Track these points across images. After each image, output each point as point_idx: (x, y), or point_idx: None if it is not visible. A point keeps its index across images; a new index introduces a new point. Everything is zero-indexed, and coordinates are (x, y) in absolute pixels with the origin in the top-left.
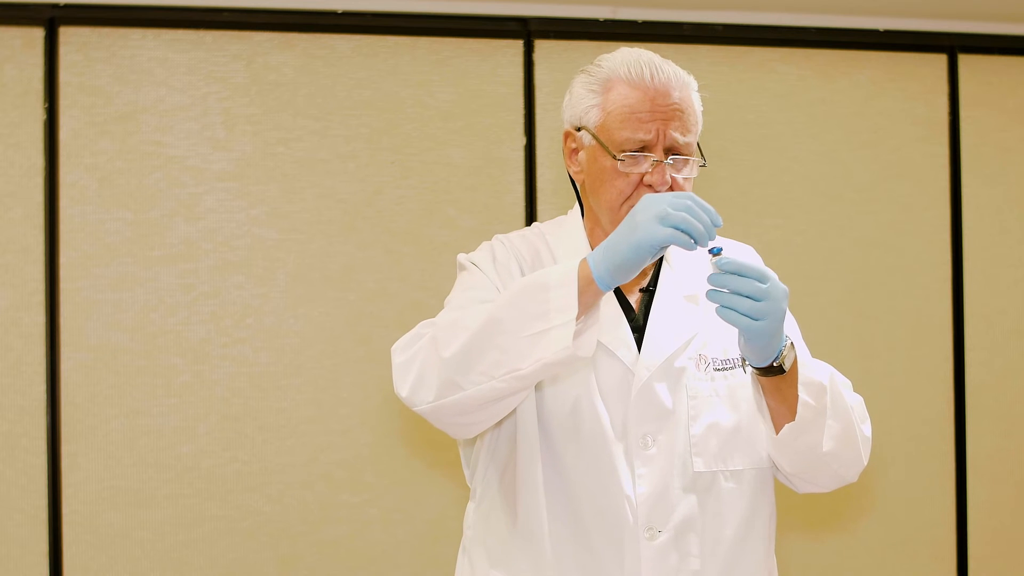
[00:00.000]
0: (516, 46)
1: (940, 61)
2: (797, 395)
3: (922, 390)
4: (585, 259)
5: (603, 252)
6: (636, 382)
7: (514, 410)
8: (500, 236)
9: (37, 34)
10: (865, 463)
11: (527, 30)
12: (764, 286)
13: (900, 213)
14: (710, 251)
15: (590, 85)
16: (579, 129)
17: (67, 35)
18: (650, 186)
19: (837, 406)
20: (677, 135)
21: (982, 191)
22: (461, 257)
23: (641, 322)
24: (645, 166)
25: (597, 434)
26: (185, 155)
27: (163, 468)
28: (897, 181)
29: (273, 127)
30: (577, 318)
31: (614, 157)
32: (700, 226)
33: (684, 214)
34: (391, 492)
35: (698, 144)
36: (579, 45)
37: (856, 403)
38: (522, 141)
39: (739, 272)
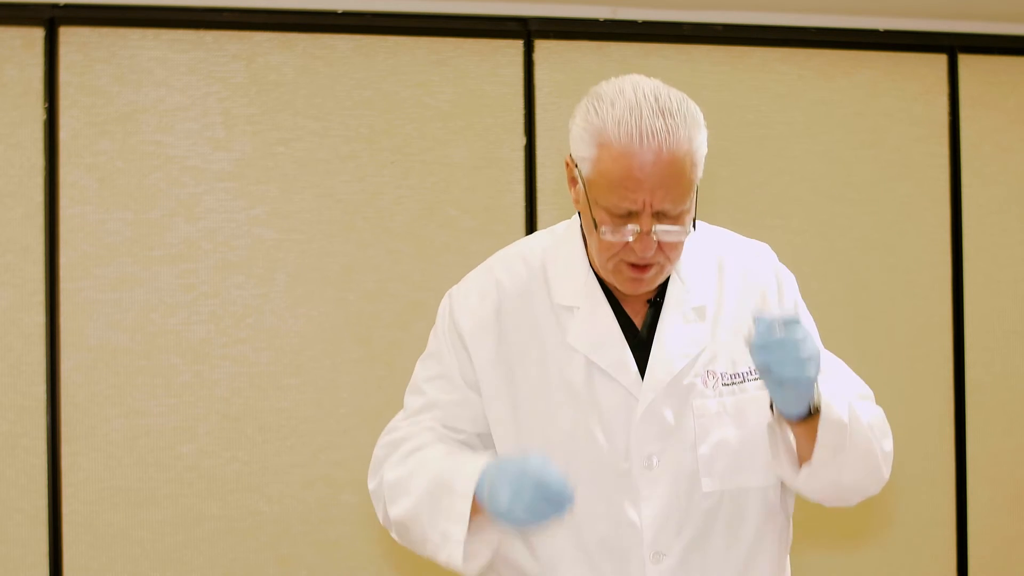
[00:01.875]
0: (516, 46)
1: (940, 61)
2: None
3: (922, 390)
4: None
5: (488, 489)
6: (639, 406)
7: (508, 437)
8: (483, 276)
9: (37, 34)
10: (887, 477)
11: (527, 30)
12: (808, 349)
13: (900, 213)
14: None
15: (587, 128)
16: (575, 164)
17: (67, 35)
18: (633, 251)
19: (856, 439)
20: (667, 204)
21: (982, 191)
22: (438, 323)
23: (645, 337)
24: (628, 236)
25: (597, 458)
26: (185, 155)
27: (163, 468)
28: (897, 181)
29: (273, 127)
30: (471, 529)
31: (596, 226)
32: (544, 518)
33: (524, 517)
34: None
35: (697, 190)
36: (579, 45)
37: (876, 420)
38: (522, 141)
39: (782, 343)
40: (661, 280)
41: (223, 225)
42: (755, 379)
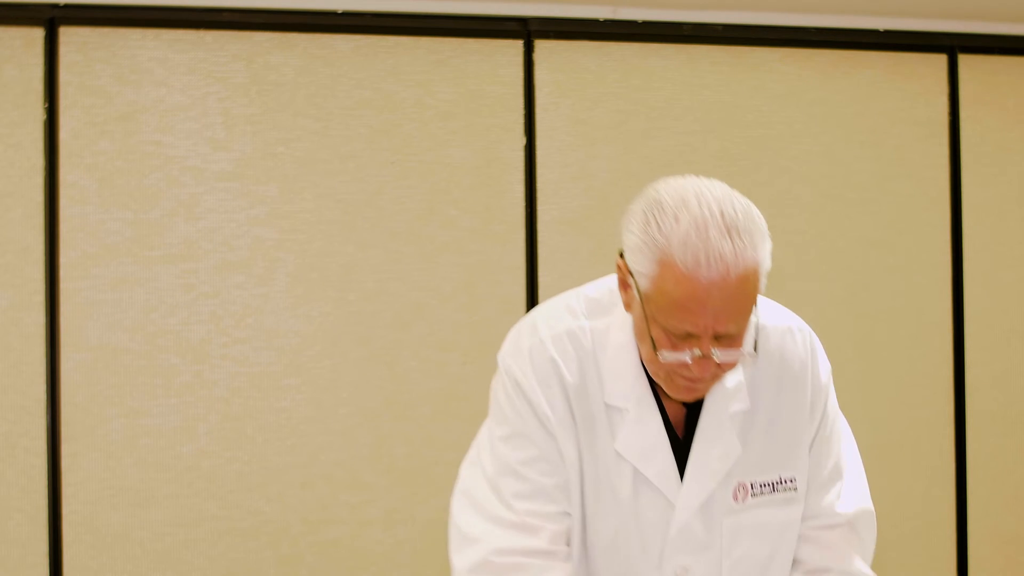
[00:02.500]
0: (516, 46)
1: (940, 61)
2: None
3: (922, 390)
4: None
5: None
6: (676, 520)
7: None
8: (541, 357)
9: (37, 34)
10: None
11: (527, 30)
12: None
13: (900, 213)
14: None
15: (647, 243)
16: (630, 272)
17: (67, 35)
18: (690, 369)
19: None
20: (729, 326)
21: (982, 191)
22: (502, 389)
23: (683, 440)
24: (687, 358)
25: (633, 566)
26: (185, 155)
27: (163, 468)
28: (897, 181)
29: (273, 127)
30: None
31: (654, 345)
32: None
33: None
34: (391, 492)
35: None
36: (579, 45)
37: (869, 546)
38: (522, 141)
39: None
40: (712, 386)
41: (223, 225)
42: (785, 488)
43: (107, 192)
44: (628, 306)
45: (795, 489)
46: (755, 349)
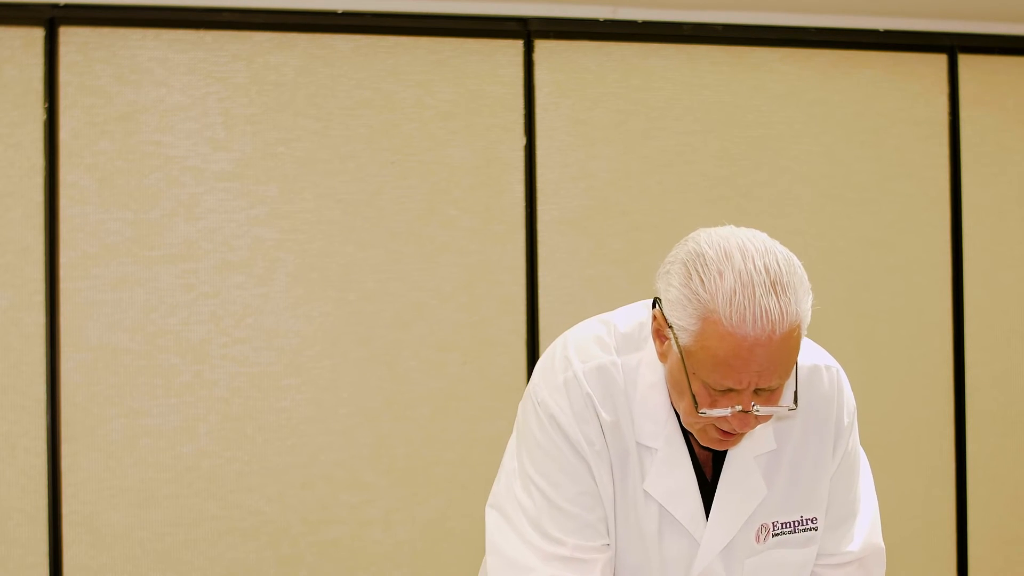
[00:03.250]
0: (516, 46)
1: (940, 61)
2: None
3: (922, 390)
4: None
5: None
6: (698, 561)
7: None
8: (575, 391)
9: (37, 34)
10: None
11: (527, 30)
12: None
13: (900, 213)
14: None
15: (690, 298)
16: (668, 324)
17: (67, 35)
18: (727, 420)
19: None
20: (772, 382)
21: (982, 191)
22: (536, 422)
23: (710, 480)
24: (727, 412)
25: None
26: (185, 155)
27: (163, 468)
28: (897, 181)
29: (273, 127)
30: None
31: (695, 403)
32: None
33: None
34: (391, 492)
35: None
36: (579, 45)
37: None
38: (522, 141)
39: None
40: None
41: (223, 225)
42: (805, 528)
43: (107, 192)
44: (663, 356)
45: (815, 529)
46: (795, 401)
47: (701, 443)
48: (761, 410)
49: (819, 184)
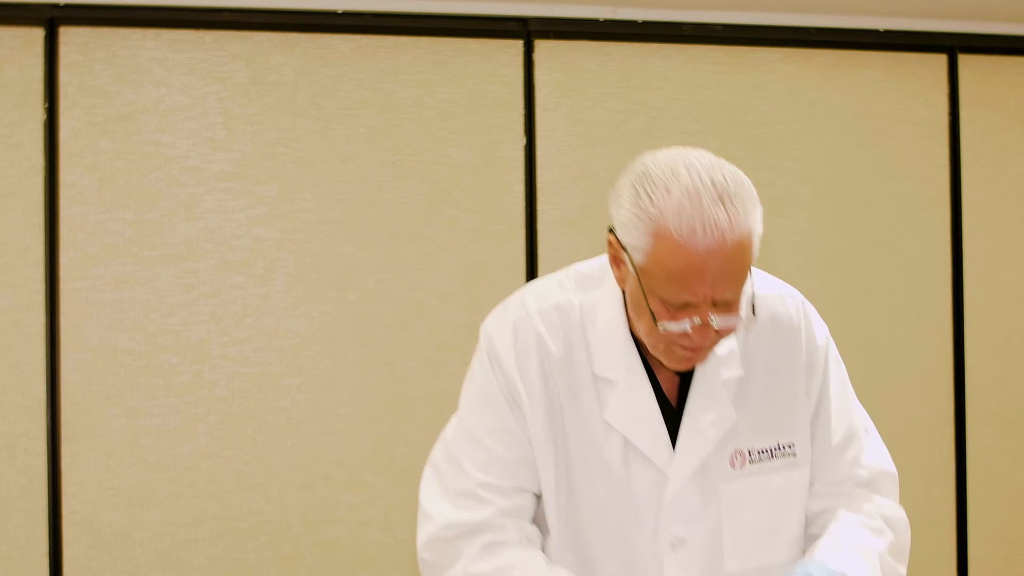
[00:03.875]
0: (516, 46)
1: (940, 61)
2: None
3: (922, 390)
4: None
5: None
6: (669, 488)
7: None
8: (525, 328)
9: (37, 34)
10: (904, 573)
11: (527, 30)
12: None
13: (900, 213)
14: None
15: (640, 216)
16: (623, 247)
17: (67, 35)
18: (688, 336)
19: None
20: (727, 293)
21: (982, 191)
22: (477, 358)
23: (676, 410)
24: (686, 327)
25: (626, 538)
26: (185, 155)
27: (163, 468)
28: (897, 181)
29: (273, 127)
30: None
31: (653, 318)
32: None
33: None
34: (391, 492)
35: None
36: (579, 45)
37: (900, 537)
38: (522, 141)
39: None
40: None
41: (223, 225)
42: (783, 454)
43: (107, 192)
44: (621, 281)
45: (794, 455)
46: (753, 313)
47: (667, 365)
48: (719, 322)
49: (819, 184)
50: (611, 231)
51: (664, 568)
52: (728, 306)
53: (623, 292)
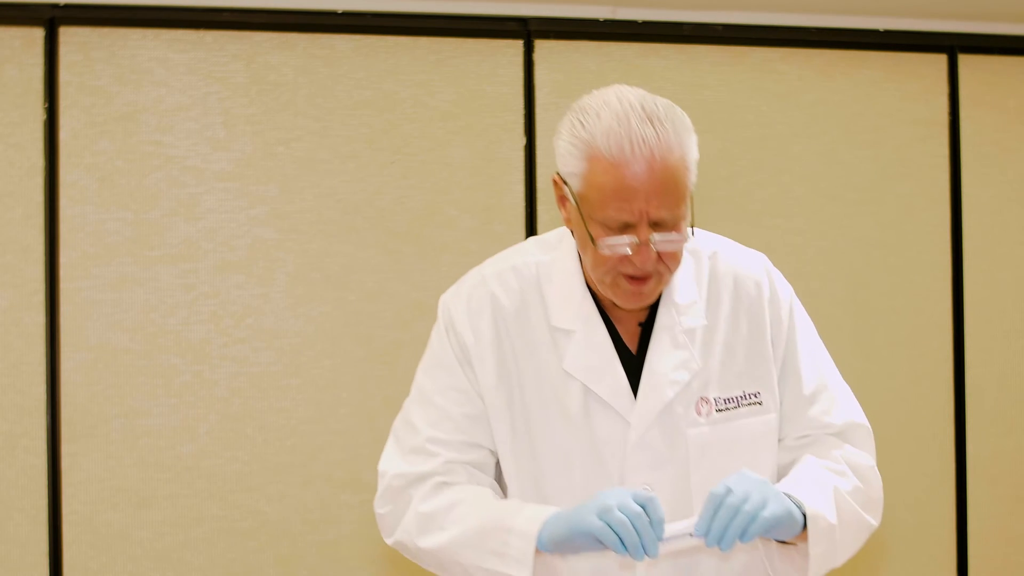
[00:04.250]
0: (516, 46)
1: (940, 61)
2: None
3: (922, 390)
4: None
5: (553, 521)
6: (632, 434)
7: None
8: (479, 289)
9: (37, 34)
10: (877, 525)
11: (527, 30)
12: (752, 512)
13: (900, 213)
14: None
15: (574, 143)
16: (564, 181)
17: (67, 35)
18: (632, 262)
19: (847, 530)
20: (663, 212)
21: (982, 191)
22: (440, 333)
23: (638, 360)
24: (626, 248)
25: (592, 484)
26: (185, 155)
27: (163, 468)
28: (897, 181)
29: (273, 127)
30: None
31: (593, 241)
32: (634, 538)
33: (624, 518)
34: None
35: (692, 198)
36: (579, 45)
37: (862, 491)
38: (522, 141)
39: (726, 528)
40: (661, 290)
41: (223, 225)
42: (749, 403)
43: (107, 192)
44: (568, 221)
45: (760, 403)
46: (692, 234)
47: (617, 303)
48: (658, 239)
49: (819, 184)
50: (557, 174)
51: None
52: (666, 227)
53: (574, 237)
